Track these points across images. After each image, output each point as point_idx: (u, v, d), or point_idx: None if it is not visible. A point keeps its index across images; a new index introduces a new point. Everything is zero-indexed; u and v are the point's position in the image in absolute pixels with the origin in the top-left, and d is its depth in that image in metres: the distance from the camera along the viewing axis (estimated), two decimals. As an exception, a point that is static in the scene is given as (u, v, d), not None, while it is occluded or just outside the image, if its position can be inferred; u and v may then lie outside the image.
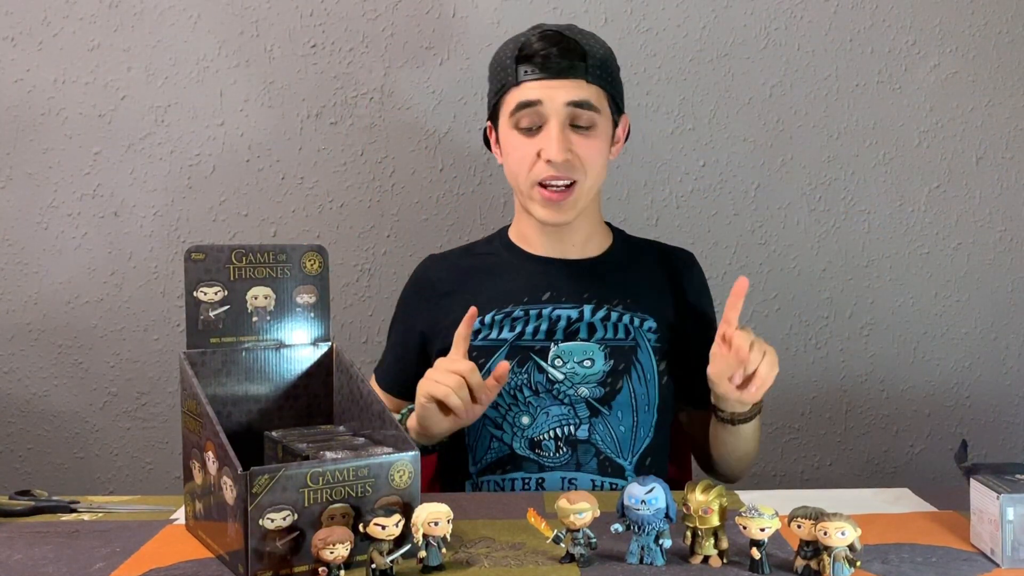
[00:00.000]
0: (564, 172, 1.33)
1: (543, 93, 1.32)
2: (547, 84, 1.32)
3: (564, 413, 1.37)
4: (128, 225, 1.88)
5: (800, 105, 1.90)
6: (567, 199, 1.35)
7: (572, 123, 1.33)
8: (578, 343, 1.38)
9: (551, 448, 1.36)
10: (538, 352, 1.37)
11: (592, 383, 1.37)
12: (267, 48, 1.86)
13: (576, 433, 1.36)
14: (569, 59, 1.32)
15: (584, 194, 1.36)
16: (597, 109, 1.33)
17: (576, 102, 1.32)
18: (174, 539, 1.09)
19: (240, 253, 1.13)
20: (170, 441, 1.91)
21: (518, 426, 1.37)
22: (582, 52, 1.32)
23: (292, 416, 1.18)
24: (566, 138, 1.32)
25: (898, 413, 1.97)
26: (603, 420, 1.37)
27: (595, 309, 1.40)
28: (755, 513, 0.94)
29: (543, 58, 1.32)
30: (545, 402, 1.37)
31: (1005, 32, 1.90)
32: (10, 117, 1.85)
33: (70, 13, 1.84)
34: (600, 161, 1.36)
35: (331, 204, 1.89)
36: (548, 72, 1.32)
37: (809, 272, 1.93)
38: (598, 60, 1.34)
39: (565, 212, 1.36)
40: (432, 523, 0.95)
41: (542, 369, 1.37)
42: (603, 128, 1.36)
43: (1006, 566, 0.97)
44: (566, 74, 1.32)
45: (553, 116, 1.32)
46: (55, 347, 1.90)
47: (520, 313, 1.39)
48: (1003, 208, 1.93)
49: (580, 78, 1.32)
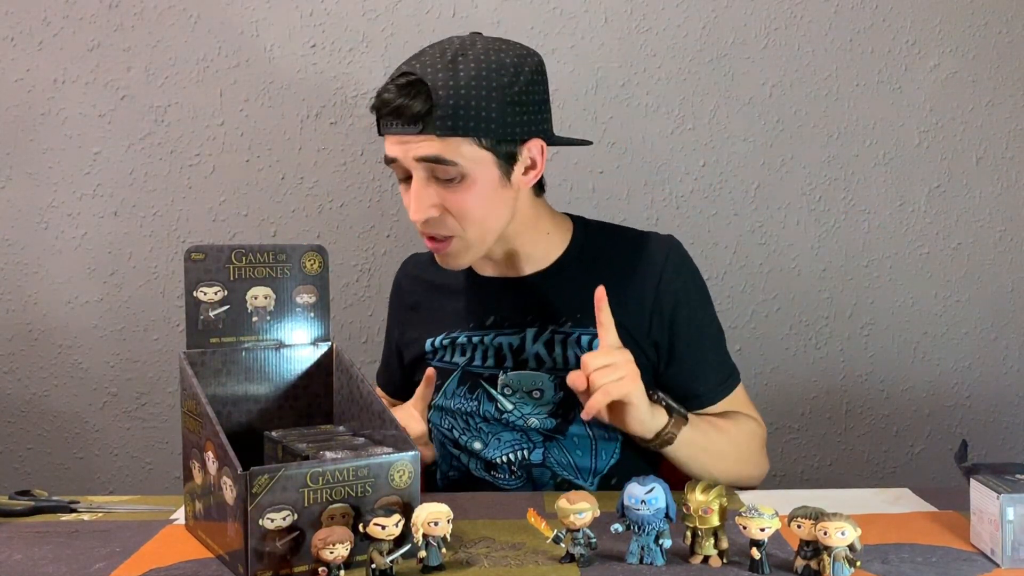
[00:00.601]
0: (435, 228, 1.24)
1: (398, 150, 1.21)
2: (400, 139, 1.20)
3: (516, 438, 1.34)
4: (128, 225, 1.88)
5: (800, 105, 1.90)
6: (447, 249, 1.26)
7: (436, 176, 1.21)
8: (527, 372, 1.32)
9: (506, 471, 1.35)
10: (487, 380, 1.34)
11: (542, 414, 1.32)
12: (267, 48, 1.86)
13: (530, 457, 1.33)
14: (413, 111, 1.17)
15: (473, 243, 1.26)
16: (453, 162, 1.18)
17: (424, 158, 1.19)
18: (174, 539, 1.09)
19: (240, 253, 1.13)
20: (170, 441, 1.91)
21: (471, 450, 1.36)
22: (429, 102, 1.16)
23: (292, 416, 1.18)
24: (427, 195, 1.21)
25: (898, 413, 1.97)
26: (558, 444, 1.33)
27: (538, 333, 1.33)
28: (755, 513, 0.94)
29: (392, 111, 1.19)
30: (496, 428, 1.34)
31: (1005, 32, 1.90)
32: (10, 117, 1.85)
33: (70, 13, 1.84)
34: (479, 211, 1.23)
35: (331, 204, 1.89)
36: (399, 127, 1.19)
37: (809, 272, 1.93)
38: (452, 106, 1.16)
39: (454, 260, 1.28)
40: (432, 523, 0.95)
41: (492, 397, 1.34)
42: (479, 174, 1.21)
43: (1006, 566, 0.97)
44: (413, 128, 1.18)
45: (413, 172, 1.21)
46: (55, 347, 1.90)
47: (464, 339, 1.36)
48: (1003, 208, 1.93)
49: (430, 133, 1.17)
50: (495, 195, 1.24)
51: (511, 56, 1.22)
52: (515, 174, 1.25)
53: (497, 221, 1.27)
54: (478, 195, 1.22)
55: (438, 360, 1.38)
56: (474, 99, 1.18)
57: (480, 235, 1.25)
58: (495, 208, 1.25)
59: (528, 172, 1.27)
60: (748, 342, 1.93)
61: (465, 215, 1.23)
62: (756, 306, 1.93)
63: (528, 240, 1.34)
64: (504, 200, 1.26)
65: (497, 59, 1.21)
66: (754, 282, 1.93)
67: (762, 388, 1.94)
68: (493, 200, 1.24)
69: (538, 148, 1.27)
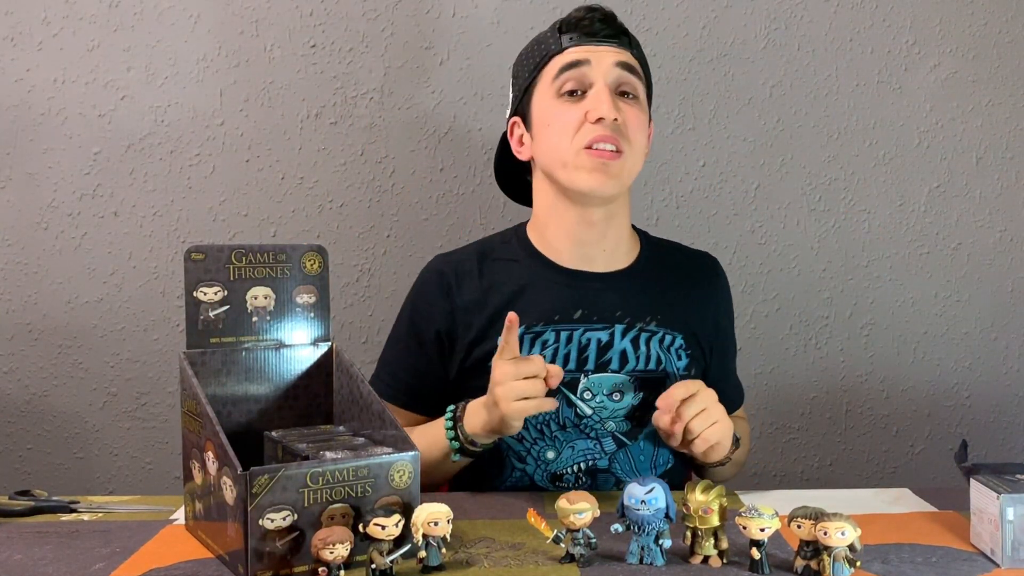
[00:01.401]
0: (613, 133, 1.29)
1: (590, 54, 1.31)
2: (593, 47, 1.31)
3: (590, 447, 1.33)
4: (128, 225, 1.88)
5: (800, 105, 1.90)
6: (616, 163, 1.29)
7: (618, 90, 1.32)
8: (608, 375, 1.32)
9: (571, 480, 1.33)
10: (567, 384, 1.31)
11: (620, 417, 1.33)
12: (267, 48, 1.86)
13: (597, 464, 1.33)
14: (613, 28, 1.33)
15: (628, 168, 1.32)
16: (641, 77, 1.34)
17: (624, 63, 1.32)
18: (174, 539, 1.09)
19: (240, 253, 1.13)
20: (170, 441, 1.91)
21: (542, 460, 1.33)
22: (623, 27, 1.35)
23: (292, 416, 1.18)
24: (614, 101, 1.30)
25: (898, 413, 1.97)
26: (625, 451, 1.34)
27: (626, 330, 1.34)
28: (755, 513, 0.94)
29: (588, 23, 1.32)
30: (571, 436, 1.32)
31: (1005, 32, 1.90)
32: (10, 117, 1.85)
33: (70, 13, 1.84)
34: (640, 137, 1.33)
35: (331, 204, 1.89)
36: (594, 37, 1.32)
37: (809, 272, 1.93)
38: (637, 42, 1.37)
39: (613, 179, 1.30)
40: (432, 523, 0.95)
41: (571, 403, 1.32)
42: (644, 106, 1.36)
43: (1006, 566, 0.97)
44: (612, 40, 1.32)
45: (600, 78, 1.30)
46: (55, 347, 1.90)
47: (551, 336, 1.33)
48: (1003, 208, 1.93)
49: (624, 48, 1.33)
50: (646, 130, 1.36)
51: None
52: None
53: (642, 157, 1.36)
54: (642, 121, 1.34)
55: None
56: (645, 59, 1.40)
57: (634, 162, 1.34)
58: (645, 142, 1.36)
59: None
60: (748, 342, 1.93)
61: (634, 132, 1.32)
62: (756, 306, 1.94)
63: (623, 226, 1.41)
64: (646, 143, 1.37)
65: None
66: (754, 282, 1.93)
67: (762, 388, 1.94)
68: (647, 133, 1.37)
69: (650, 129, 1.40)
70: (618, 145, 1.29)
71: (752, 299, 1.93)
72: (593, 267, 1.38)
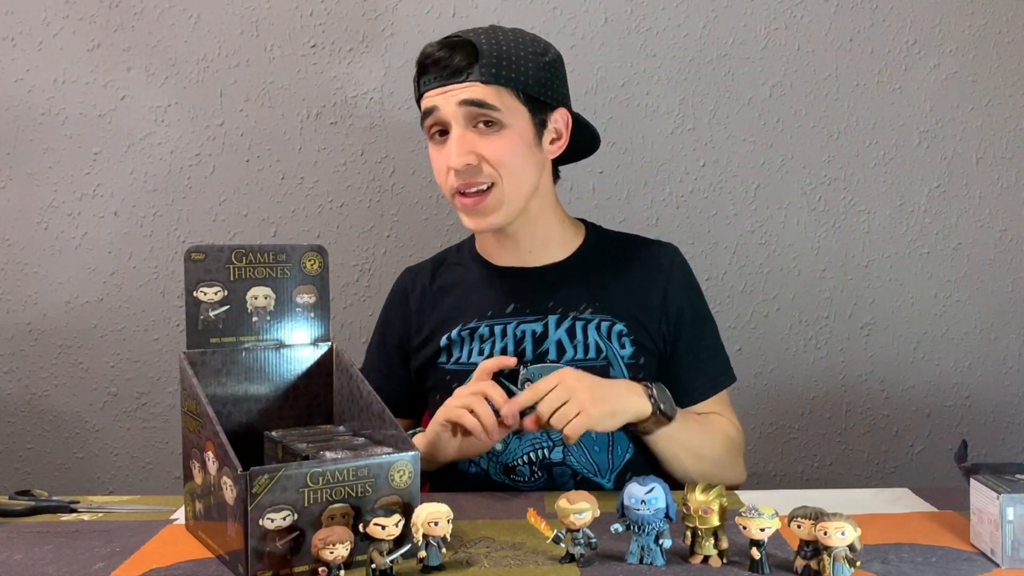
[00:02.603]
0: (472, 177, 1.29)
1: (438, 99, 1.29)
2: (441, 90, 1.29)
3: (537, 437, 1.34)
4: (128, 225, 1.88)
5: (800, 105, 1.90)
6: (484, 203, 1.30)
7: (475, 123, 1.29)
8: (548, 365, 1.34)
9: (526, 473, 1.34)
10: (507, 376, 1.34)
11: None
12: (267, 48, 1.86)
13: (550, 456, 1.34)
14: (458, 60, 1.28)
15: (508, 196, 1.31)
16: (495, 107, 1.28)
17: (470, 100, 1.27)
18: (174, 539, 1.09)
19: (240, 253, 1.13)
20: (170, 441, 1.91)
21: (492, 452, 1.35)
22: (474, 52, 1.28)
23: (292, 416, 1.18)
24: (467, 141, 1.28)
25: (898, 413, 1.97)
26: (578, 444, 1.34)
27: (560, 319, 1.36)
28: (755, 513, 0.94)
29: (434, 64, 1.30)
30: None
31: (1005, 32, 1.90)
32: (10, 117, 1.85)
33: (70, 13, 1.84)
34: (516, 160, 1.31)
35: (331, 204, 1.89)
36: (441, 78, 1.29)
37: (809, 272, 1.93)
38: (495, 57, 1.28)
39: (487, 216, 1.32)
40: (432, 523, 0.95)
41: (512, 394, 1.31)
42: (516, 126, 1.30)
43: (1006, 566, 0.97)
44: (457, 77, 1.28)
45: (451, 120, 1.29)
46: (55, 347, 1.90)
47: (485, 330, 1.37)
48: (1003, 208, 1.93)
49: (474, 80, 1.27)
50: (528, 151, 1.32)
51: (539, 37, 1.37)
52: (544, 140, 1.35)
53: (529, 178, 1.33)
54: (514, 144, 1.30)
55: (453, 362, 1.38)
56: (514, 55, 1.30)
57: (515, 187, 1.31)
58: (528, 163, 1.33)
59: (554, 143, 1.37)
60: (748, 342, 1.93)
61: (502, 162, 1.29)
62: (756, 306, 1.93)
63: (548, 225, 1.41)
64: (535, 160, 1.34)
65: (530, 35, 1.36)
66: (754, 282, 1.93)
67: (762, 388, 1.94)
68: (527, 155, 1.32)
69: (564, 120, 1.37)
70: (482, 182, 1.30)
71: (752, 299, 1.93)
72: (526, 263, 1.41)
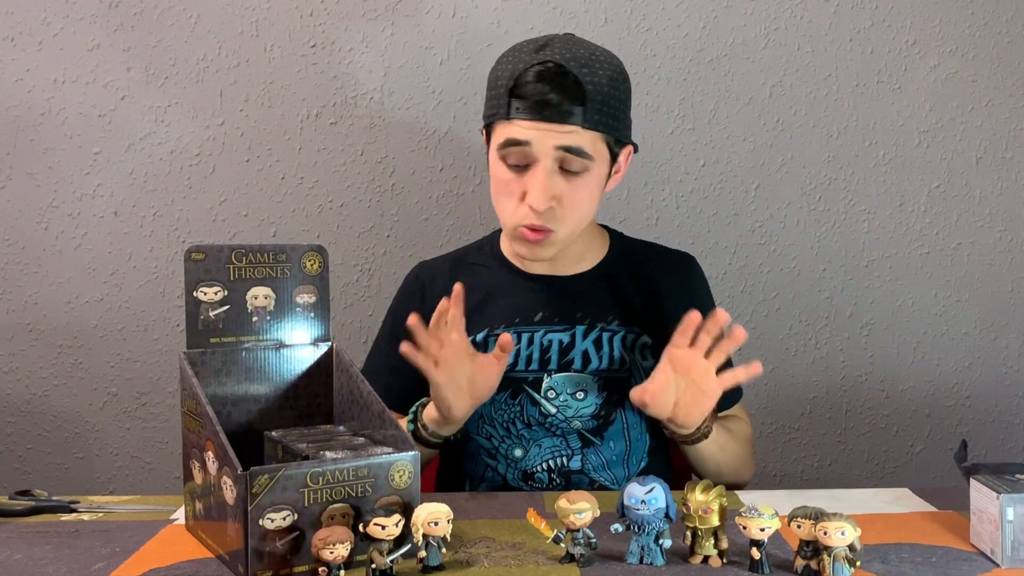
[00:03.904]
0: (543, 221, 1.26)
1: (533, 135, 1.22)
2: (538, 126, 1.22)
3: (557, 444, 1.34)
4: (128, 225, 1.88)
5: (800, 105, 1.90)
6: (547, 240, 1.28)
7: (562, 167, 1.24)
8: (571, 374, 1.34)
9: (544, 480, 1.35)
10: (531, 384, 1.34)
11: (585, 416, 1.34)
12: (267, 48, 1.86)
13: (568, 464, 1.34)
14: (566, 102, 1.21)
15: (563, 238, 1.30)
16: (591, 156, 1.24)
17: (568, 147, 1.22)
18: (174, 539, 1.09)
19: (240, 253, 1.13)
20: (170, 441, 1.91)
21: (511, 458, 1.35)
22: (582, 94, 1.21)
23: (292, 416, 1.18)
24: (553, 185, 1.24)
25: (898, 413, 1.97)
26: (595, 450, 1.35)
27: (587, 330, 1.36)
28: (755, 513, 0.94)
29: (537, 98, 1.21)
30: (538, 434, 1.35)
31: (1005, 32, 1.90)
32: (10, 117, 1.85)
33: (70, 13, 1.84)
34: (585, 208, 1.29)
35: (331, 204, 1.89)
36: (541, 115, 1.21)
37: (809, 272, 1.93)
38: (599, 102, 1.23)
39: (544, 251, 1.30)
40: (432, 523, 0.95)
41: (535, 402, 1.34)
42: (596, 171, 1.27)
43: (1006, 566, 0.97)
44: (560, 119, 1.21)
45: (542, 159, 1.23)
46: (55, 347, 1.90)
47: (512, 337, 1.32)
48: (1003, 208, 1.93)
49: (576, 124, 1.22)
50: (599, 193, 1.31)
51: (620, 62, 1.31)
52: (611, 176, 1.33)
53: (589, 218, 1.33)
54: (593, 191, 1.29)
55: None
56: (614, 99, 1.26)
57: (576, 227, 1.31)
58: (594, 206, 1.32)
59: (613, 176, 1.34)
60: (748, 342, 1.91)
61: (577, 208, 1.27)
62: (756, 306, 1.93)
63: (584, 240, 1.39)
64: (598, 199, 1.33)
65: (617, 63, 1.29)
66: (754, 282, 1.93)
67: (762, 388, 1.94)
68: (596, 198, 1.31)
69: (627, 155, 1.35)
70: (549, 227, 1.27)
71: (752, 299, 1.93)
72: (556, 271, 1.40)
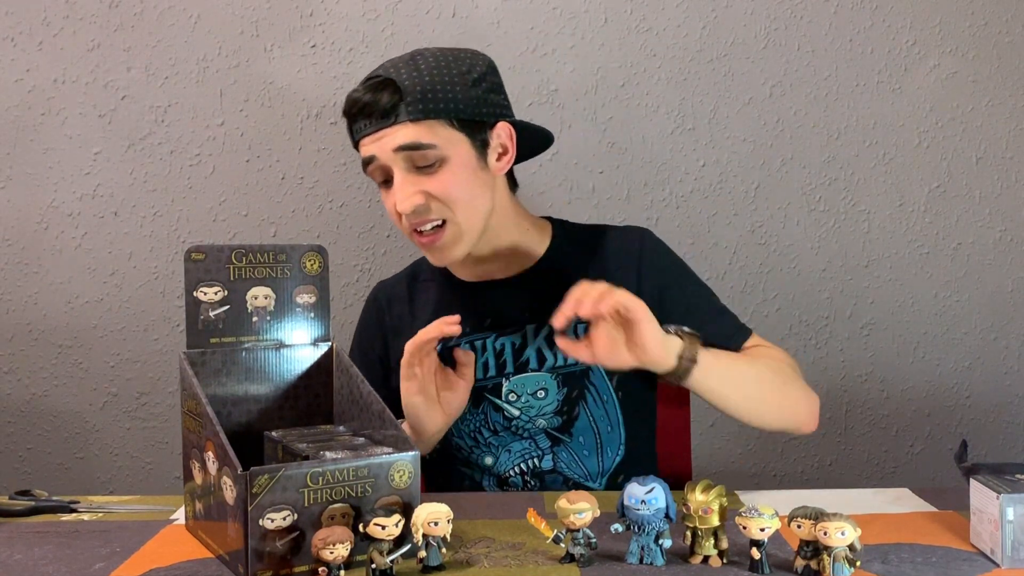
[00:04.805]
0: (424, 216, 1.25)
1: (373, 148, 1.24)
2: (374, 137, 1.24)
3: (526, 447, 1.34)
4: (128, 225, 1.88)
5: (800, 105, 1.90)
6: (441, 239, 1.27)
7: (415, 165, 1.24)
8: (530, 375, 1.33)
9: (519, 484, 1.35)
10: (491, 391, 1.33)
11: (548, 414, 1.33)
12: (267, 48, 1.86)
13: (540, 464, 1.34)
14: (382, 103, 1.22)
15: (464, 228, 1.27)
16: (431, 145, 1.22)
17: (405, 145, 1.22)
18: (174, 539, 1.09)
19: (240, 253, 1.13)
20: (170, 441, 1.91)
21: (483, 466, 1.36)
22: (397, 90, 1.22)
23: (292, 416, 1.18)
24: (412, 184, 1.23)
25: (898, 413, 1.97)
26: (565, 448, 1.34)
27: (538, 328, 1.33)
28: (755, 513, 0.94)
29: (360, 111, 1.24)
30: (506, 439, 1.34)
31: (1005, 32, 1.90)
32: (10, 117, 1.85)
33: (70, 13, 1.84)
34: (464, 191, 1.26)
35: (331, 204, 1.89)
36: (371, 125, 1.24)
37: (809, 272, 1.93)
38: (420, 91, 1.22)
39: (447, 252, 1.29)
40: (432, 523, 0.95)
41: (497, 407, 1.34)
42: (457, 155, 1.25)
43: (1006, 566, 0.97)
44: (386, 120, 1.22)
45: (393, 166, 1.24)
46: (55, 347, 1.90)
47: (465, 347, 1.34)
48: (1003, 208, 1.93)
49: (403, 120, 1.22)
50: (475, 177, 1.27)
51: (464, 52, 1.29)
52: (490, 159, 1.29)
53: (482, 204, 1.29)
54: (459, 176, 1.25)
55: None
56: (439, 83, 1.23)
57: (469, 218, 1.27)
58: (477, 190, 1.28)
59: (501, 158, 1.31)
60: (748, 342, 1.93)
61: (450, 196, 1.25)
62: (756, 306, 1.93)
63: (510, 236, 1.36)
64: (484, 183, 1.29)
65: (452, 53, 1.28)
66: (754, 282, 1.93)
67: (762, 388, 1.94)
68: (474, 182, 1.27)
69: (507, 133, 1.30)
70: (433, 221, 1.26)
71: (752, 299, 1.93)
72: (496, 275, 1.38)
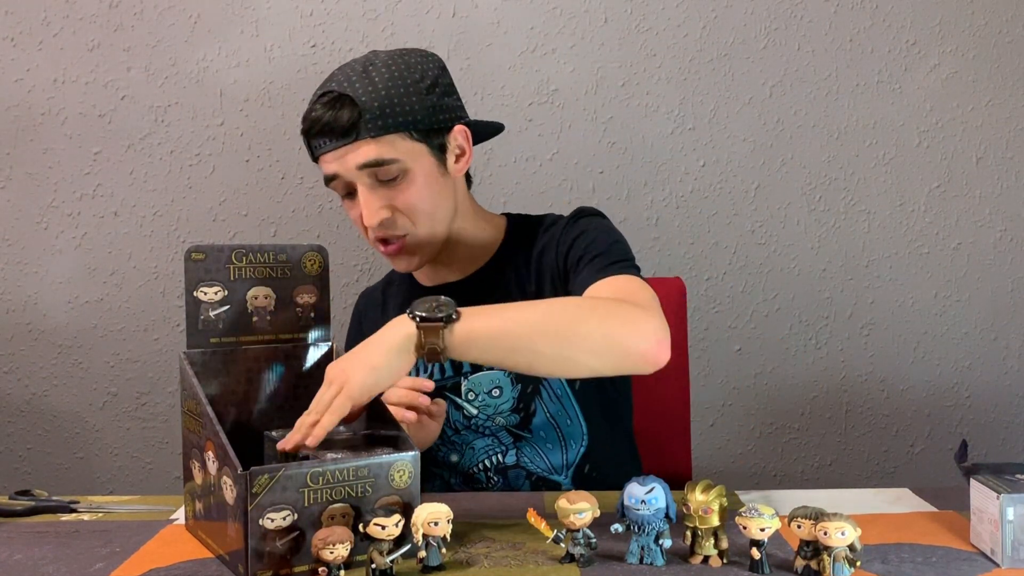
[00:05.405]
0: (388, 230, 1.28)
1: (335, 166, 1.25)
2: (336, 155, 1.25)
3: (489, 444, 1.35)
4: (128, 225, 1.88)
5: (800, 105, 1.90)
6: (404, 251, 1.30)
7: (378, 178, 1.25)
8: (485, 373, 1.34)
9: (483, 479, 1.36)
10: (451, 389, 1.34)
11: (505, 411, 1.34)
12: (267, 48, 1.86)
13: (504, 460, 1.35)
14: (341, 122, 1.23)
15: (427, 237, 1.30)
16: (394, 160, 1.24)
17: (367, 163, 1.24)
18: (174, 539, 1.09)
19: (240, 253, 1.13)
20: (170, 441, 1.91)
21: (449, 463, 1.37)
22: (355, 108, 1.22)
23: (292, 416, 1.18)
24: (377, 199, 1.25)
25: (898, 413, 1.97)
26: (528, 443, 1.35)
27: None
28: (755, 513, 0.94)
29: (320, 130, 1.25)
30: (468, 437, 1.35)
31: (1005, 32, 1.90)
32: (10, 117, 1.85)
33: (70, 13, 1.84)
34: (427, 202, 1.28)
35: (331, 204, 1.89)
36: (332, 142, 1.24)
37: (809, 272, 1.93)
38: (377, 106, 1.23)
39: (411, 259, 1.32)
40: (432, 523, 0.95)
41: (458, 406, 1.35)
42: (419, 168, 1.27)
43: (1006, 566, 0.97)
44: (346, 139, 1.23)
45: (356, 181, 1.25)
46: (55, 347, 1.90)
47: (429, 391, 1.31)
48: (1003, 208, 1.93)
49: (363, 138, 1.23)
50: (437, 185, 1.30)
51: (414, 57, 1.30)
52: (449, 163, 1.31)
53: (445, 212, 1.32)
54: (422, 188, 1.28)
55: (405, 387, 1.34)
56: (395, 96, 1.24)
57: (431, 228, 1.30)
58: (440, 199, 1.31)
59: (459, 160, 1.33)
60: (748, 342, 1.93)
61: (414, 210, 1.28)
62: (756, 306, 1.93)
63: (466, 237, 1.38)
64: (446, 190, 1.32)
65: (403, 61, 1.28)
66: (754, 282, 1.93)
67: (762, 388, 1.94)
68: (436, 191, 1.30)
69: (463, 135, 1.33)
70: (397, 235, 1.28)
71: (752, 299, 1.93)
72: (452, 276, 1.40)
